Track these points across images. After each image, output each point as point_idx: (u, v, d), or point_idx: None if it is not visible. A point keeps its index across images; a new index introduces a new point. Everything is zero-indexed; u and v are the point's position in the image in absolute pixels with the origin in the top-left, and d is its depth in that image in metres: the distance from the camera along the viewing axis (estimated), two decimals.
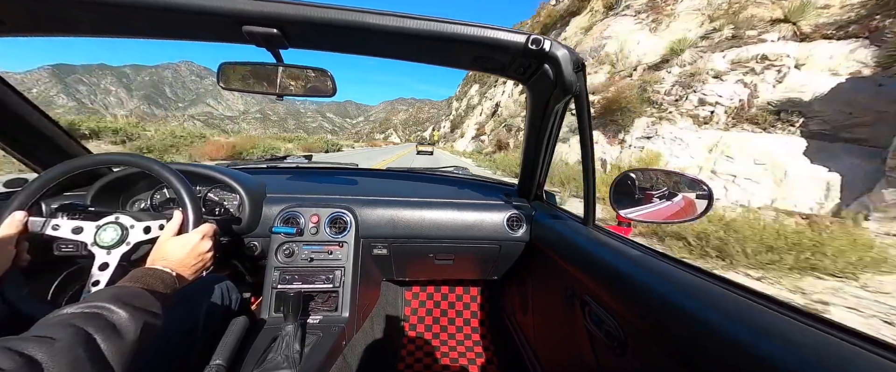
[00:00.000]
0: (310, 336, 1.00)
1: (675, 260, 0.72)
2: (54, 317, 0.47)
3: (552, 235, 1.13)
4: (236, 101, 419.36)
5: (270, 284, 1.11)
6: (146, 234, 0.80)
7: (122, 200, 1.14)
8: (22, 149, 0.96)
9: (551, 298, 1.17)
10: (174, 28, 0.69)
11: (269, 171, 1.65)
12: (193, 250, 0.73)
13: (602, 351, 0.82)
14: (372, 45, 0.74)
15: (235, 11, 0.61)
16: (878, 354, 0.39)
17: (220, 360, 0.83)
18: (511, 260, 1.41)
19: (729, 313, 0.50)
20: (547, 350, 1.26)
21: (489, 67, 0.82)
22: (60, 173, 0.78)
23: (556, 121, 1.01)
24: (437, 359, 1.69)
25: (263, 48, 0.71)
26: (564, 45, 0.72)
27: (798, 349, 0.41)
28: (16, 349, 0.38)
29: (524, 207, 1.34)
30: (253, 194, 1.16)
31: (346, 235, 1.19)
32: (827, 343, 0.41)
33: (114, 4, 0.59)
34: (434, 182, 1.69)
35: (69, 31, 0.70)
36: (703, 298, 0.55)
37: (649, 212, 1.03)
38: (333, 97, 0.90)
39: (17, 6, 0.61)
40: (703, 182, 0.96)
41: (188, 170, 1.10)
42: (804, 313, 0.48)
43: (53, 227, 0.75)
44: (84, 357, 0.42)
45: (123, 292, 0.55)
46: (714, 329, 0.49)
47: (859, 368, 0.38)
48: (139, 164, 0.83)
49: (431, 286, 1.99)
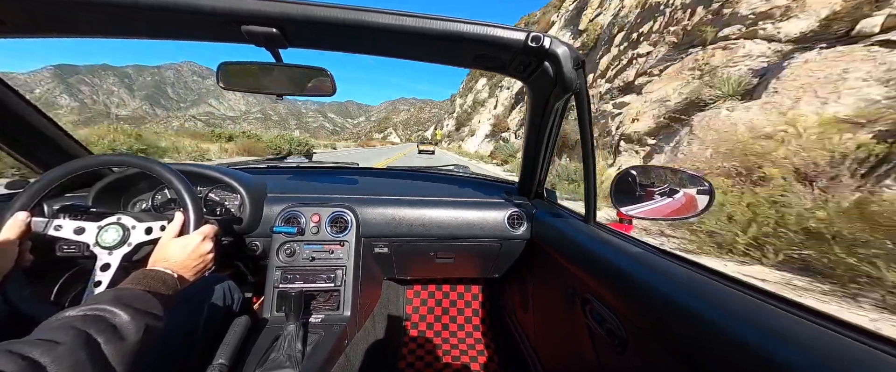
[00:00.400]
0: (312, 335, 1.00)
1: (679, 257, 0.71)
2: (57, 320, 0.47)
3: (553, 233, 1.13)
4: (238, 101, 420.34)
5: (272, 284, 1.11)
6: (147, 234, 0.80)
7: (124, 200, 1.15)
8: (23, 150, 0.96)
9: (552, 296, 1.17)
10: (173, 28, 0.69)
11: (270, 171, 1.65)
12: (194, 252, 0.73)
13: (603, 349, 0.82)
14: (371, 44, 0.74)
15: (234, 11, 0.61)
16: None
17: (222, 359, 0.84)
18: (512, 258, 1.41)
19: (736, 313, 0.49)
20: (548, 348, 1.26)
21: (489, 65, 0.82)
22: (62, 174, 0.78)
23: (557, 119, 1.01)
24: (438, 357, 1.70)
25: (263, 48, 0.71)
26: (564, 43, 0.72)
27: (809, 352, 0.39)
28: (19, 352, 0.38)
29: (525, 205, 1.34)
30: (254, 194, 1.16)
31: (347, 234, 1.19)
32: (853, 348, 0.39)
33: (113, 5, 0.59)
34: (434, 181, 1.69)
35: (69, 32, 0.70)
36: (708, 297, 0.55)
37: (650, 209, 1.03)
38: (333, 97, 0.90)
39: (16, 7, 0.61)
40: (703, 178, 0.96)
41: (189, 170, 1.11)
42: (818, 313, 0.46)
43: (56, 227, 0.76)
44: (87, 360, 0.42)
45: (125, 294, 0.56)
46: (720, 329, 0.48)
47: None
48: (140, 164, 0.83)
49: (432, 285, 2.00)
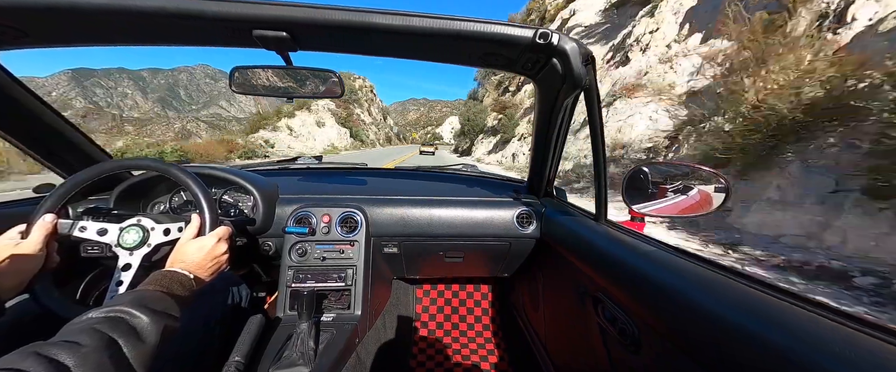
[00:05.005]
0: (323, 334, 1.02)
1: (694, 256, 0.70)
2: (79, 322, 0.49)
3: (563, 232, 1.12)
4: (249, 103, 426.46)
5: (285, 283, 1.13)
6: (166, 236, 0.82)
7: (143, 203, 1.18)
8: (45, 153, 1.00)
9: (562, 295, 1.17)
10: (189, 35, 0.71)
11: (281, 173, 1.68)
12: (210, 253, 0.75)
13: (615, 348, 0.81)
14: (379, 45, 0.74)
15: (246, 16, 0.62)
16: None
17: (238, 357, 0.86)
18: (521, 257, 1.40)
19: (757, 313, 0.47)
20: (558, 347, 1.25)
21: (497, 64, 0.81)
22: (87, 178, 0.81)
23: (566, 115, 1.00)
24: (448, 356, 1.70)
25: (274, 51, 0.72)
26: (573, 39, 0.71)
27: (845, 358, 0.37)
28: (45, 354, 0.40)
29: (534, 204, 1.33)
30: (266, 195, 1.18)
31: (357, 234, 1.20)
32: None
33: (132, 15, 0.61)
34: (443, 180, 1.70)
35: (89, 42, 0.73)
36: (727, 296, 0.53)
37: (663, 206, 1.01)
38: (342, 98, 0.90)
39: (39, 19, 0.64)
40: (720, 175, 0.94)
41: (204, 172, 1.13)
42: (848, 315, 0.44)
43: (80, 228, 0.79)
44: (109, 362, 0.44)
45: (144, 296, 0.57)
46: (742, 331, 0.46)
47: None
48: (158, 168, 0.85)
49: (442, 284, 2.00)
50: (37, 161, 1.00)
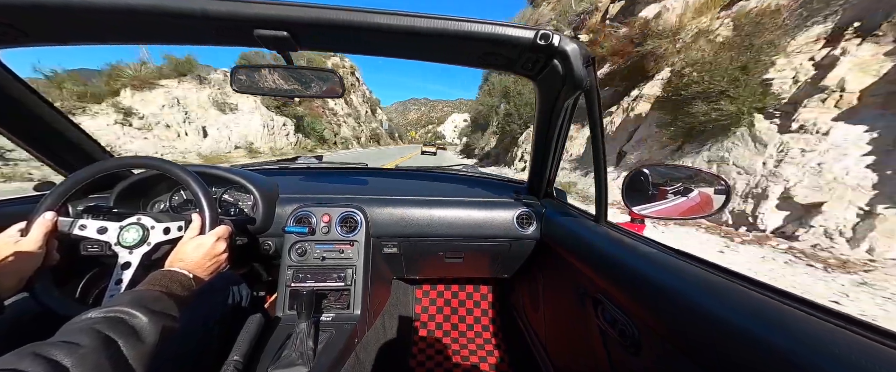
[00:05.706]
0: (323, 333, 1.02)
1: (694, 258, 0.70)
2: (78, 322, 0.49)
3: (563, 233, 1.12)
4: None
5: (284, 283, 1.13)
6: (166, 234, 0.82)
7: (143, 202, 1.18)
8: (46, 151, 1.00)
9: (563, 297, 1.16)
10: (190, 34, 0.71)
11: (281, 172, 1.68)
12: (209, 253, 0.75)
13: (615, 350, 0.81)
14: (379, 45, 0.74)
15: (247, 16, 0.62)
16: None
17: (237, 356, 0.86)
18: (521, 258, 1.40)
19: (758, 316, 0.47)
20: (558, 348, 1.25)
21: (497, 64, 0.81)
22: (87, 175, 0.81)
23: (567, 117, 1.00)
24: (447, 356, 1.70)
25: (274, 50, 0.72)
26: (574, 39, 0.71)
27: (845, 361, 0.37)
28: (43, 354, 0.40)
29: (534, 205, 1.33)
30: (266, 195, 1.18)
31: (357, 234, 1.20)
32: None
33: (133, 14, 0.61)
34: (443, 180, 1.70)
35: (89, 41, 0.73)
36: (727, 299, 0.53)
37: (663, 208, 1.01)
38: (343, 97, 0.91)
39: (39, 19, 0.64)
40: (720, 177, 0.94)
41: (205, 171, 1.13)
42: (851, 319, 0.44)
43: (80, 226, 0.79)
44: (107, 362, 0.44)
45: (143, 296, 0.57)
46: (743, 334, 0.46)
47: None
48: (159, 166, 0.85)
49: (441, 284, 2.00)
50: (37, 159, 1.00)
